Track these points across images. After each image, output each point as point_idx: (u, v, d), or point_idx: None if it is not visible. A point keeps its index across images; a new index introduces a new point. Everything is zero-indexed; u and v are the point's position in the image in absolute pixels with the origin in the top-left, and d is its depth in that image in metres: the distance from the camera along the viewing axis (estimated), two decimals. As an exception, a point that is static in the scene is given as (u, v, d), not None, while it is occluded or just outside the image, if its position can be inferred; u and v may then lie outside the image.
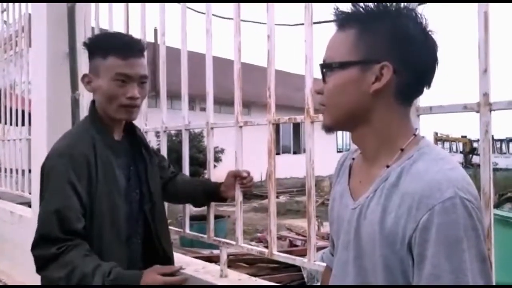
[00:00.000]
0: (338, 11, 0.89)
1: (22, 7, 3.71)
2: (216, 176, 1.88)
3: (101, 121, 1.48)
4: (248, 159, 2.10)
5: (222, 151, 12.21)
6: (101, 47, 1.44)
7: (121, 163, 1.50)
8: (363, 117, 0.87)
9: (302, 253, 1.63)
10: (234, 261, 4.82)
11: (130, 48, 1.44)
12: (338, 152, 20.30)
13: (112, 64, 1.41)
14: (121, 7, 2.34)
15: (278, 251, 1.68)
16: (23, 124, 3.87)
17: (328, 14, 0.90)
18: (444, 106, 1.17)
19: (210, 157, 1.89)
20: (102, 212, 1.39)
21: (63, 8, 2.59)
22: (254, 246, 4.47)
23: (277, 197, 1.75)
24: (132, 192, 1.51)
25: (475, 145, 23.67)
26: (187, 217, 2.04)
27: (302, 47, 1.49)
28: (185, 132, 2.02)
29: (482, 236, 0.74)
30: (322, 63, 0.91)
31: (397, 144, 0.86)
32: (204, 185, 1.81)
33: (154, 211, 1.56)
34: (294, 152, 20.06)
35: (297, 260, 1.59)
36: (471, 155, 24.04)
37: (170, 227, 1.78)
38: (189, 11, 2.04)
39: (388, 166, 0.85)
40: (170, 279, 1.35)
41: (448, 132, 26.70)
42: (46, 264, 1.31)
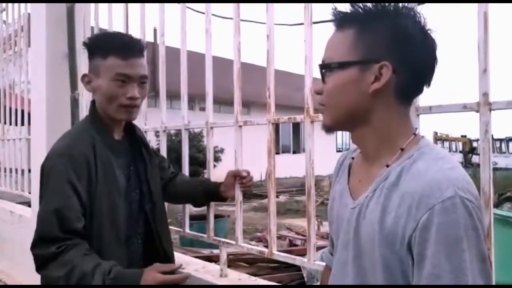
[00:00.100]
0: (337, 11, 0.88)
1: (22, 6, 3.71)
2: (216, 175, 1.88)
3: (101, 121, 1.48)
4: (248, 159, 2.10)
5: (222, 150, 12.20)
6: (101, 47, 1.44)
7: (121, 163, 1.49)
8: (362, 117, 0.87)
9: (302, 253, 1.63)
10: (234, 261, 4.82)
11: (130, 48, 1.44)
12: (337, 151, 20.29)
13: (112, 64, 1.41)
14: (120, 7, 2.34)
15: (278, 251, 1.68)
16: (22, 123, 3.87)
17: (327, 14, 0.90)
18: (443, 106, 1.17)
19: (210, 156, 1.89)
20: (102, 212, 1.39)
21: (62, 8, 2.59)
22: (254, 245, 4.48)
23: (277, 196, 1.75)
24: (132, 192, 1.51)
25: (474, 144, 23.70)
26: (187, 217, 2.04)
27: (301, 47, 1.49)
28: (184, 132, 2.02)
29: (482, 236, 0.74)
30: (321, 64, 0.91)
31: (397, 143, 0.86)
32: (204, 185, 1.81)
33: (155, 211, 1.56)
34: (294, 152, 20.06)
35: (297, 260, 1.59)
36: (470, 155, 24.08)
37: (170, 227, 1.78)
38: (189, 11, 2.04)
39: (388, 166, 0.85)
40: (170, 277, 1.35)
41: (447, 131, 26.74)
42: (46, 263, 1.31)
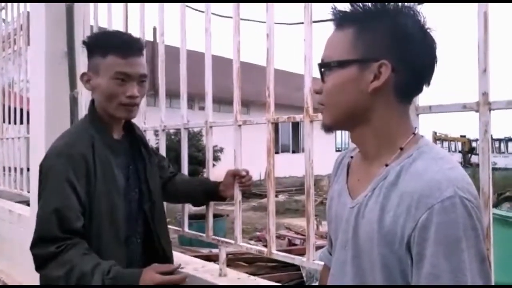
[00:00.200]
0: (336, 10, 0.88)
1: (21, 5, 3.70)
2: (215, 175, 1.88)
3: (100, 120, 1.48)
4: (247, 158, 2.09)
5: (221, 150, 12.19)
6: (101, 46, 1.44)
7: (120, 162, 1.49)
8: (362, 116, 0.87)
9: (301, 252, 1.63)
10: (233, 260, 4.82)
11: (130, 47, 1.44)
12: (337, 151, 20.29)
13: (112, 63, 1.41)
14: (120, 7, 2.33)
15: (277, 250, 1.68)
16: (21, 122, 3.87)
17: (327, 13, 0.90)
18: (443, 106, 1.16)
19: (209, 156, 1.89)
20: (101, 212, 1.39)
21: (62, 8, 2.59)
22: (253, 245, 4.47)
23: (276, 196, 1.75)
24: (131, 191, 1.51)
25: (474, 144, 23.72)
26: (186, 216, 2.04)
27: (301, 46, 1.48)
28: (184, 131, 2.02)
29: (481, 236, 0.74)
30: (320, 63, 0.91)
31: (397, 143, 0.86)
32: (203, 184, 1.81)
33: (154, 210, 1.56)
34: (293, 151, 20.05)
35: (296, 259, 1.59)
36: (470, 155, 24.11)
37: (169, 226, 1.78)
38: (188, 10, 2.03)
39: (387, 165, 0.85)
40: (168, 278, 1.34)
41: (447, 131, 26.77)
42: (45, 263, 1.31)
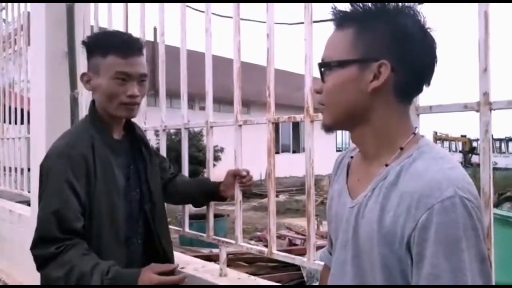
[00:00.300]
0: (336, 10, 0.88)
1: (21, 5, 3.70)
2: (216, 175, 1.88)
3: (100, 120, 1.48)
4: (248, 158, 2.09)
5: (222, 150, 12.19)
6: (101, 46, 1.44)
7: (121, 163, 1.49)
8: (362, 116, 0.87)
9: (302, 252, 1.63)
10: (234, 260, 4.82)
11: (130, 47, 1.44)
12: (337, 151, 20.27)
13: (112, 63, 1.41)
14: (120, 7, 2.34)
15: (277, 250, 1.68)
16: (22, 122, 3.87)
17: (327, 13, 0.90)
18: (444, 105, 1.16)
19: (210, 156, 1.89)
20: (101, 212, 1.39)
21: (62, 8, 2.59)
22: (253, 245, 4.47)
23: (276, 196, 1.74)
24: (132, 191, 1.51)
25: (474, 144, 23.71)
26: (187, 216, 2.04)
27: (301, 46, 1.48)
28: (184, 131, 2.02)
29: (481, 236, 0.74)
30: (320, 62, 0.91)
31: (397, 142, 0.86)
32: (204, 185, 1.81)
33: (155, 211, 1.56)
34: (294, 151, 20.06)
35: (297, 259, 1.59)
36: (470, 155, 24.09)
37: (170, 226, 1.78)
38: (189, 10, 2.03)
39: (387, 165, 0.85)
40: (166, 278, 1.34)
41: (447, 131, 26.76)
42: (45, 263, 1.32)
